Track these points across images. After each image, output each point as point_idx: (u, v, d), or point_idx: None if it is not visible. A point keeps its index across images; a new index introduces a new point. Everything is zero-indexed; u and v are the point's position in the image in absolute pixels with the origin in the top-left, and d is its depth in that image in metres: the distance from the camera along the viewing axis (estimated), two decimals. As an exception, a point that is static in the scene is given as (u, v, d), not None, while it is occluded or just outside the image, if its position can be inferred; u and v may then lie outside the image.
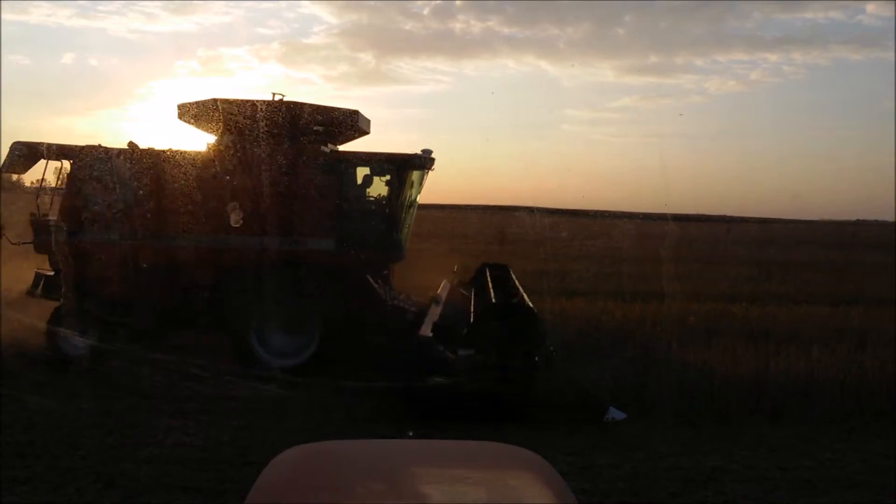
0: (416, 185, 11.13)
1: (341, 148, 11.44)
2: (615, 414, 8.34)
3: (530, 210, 26.51)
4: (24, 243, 10.69)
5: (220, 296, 10.34)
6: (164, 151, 10.53)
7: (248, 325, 10.24)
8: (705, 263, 23.85)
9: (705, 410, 8.47)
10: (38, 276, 10.85)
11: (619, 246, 26.28)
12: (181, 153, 10.58)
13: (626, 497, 6.37)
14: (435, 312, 10.32)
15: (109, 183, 10.32)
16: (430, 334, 9.04)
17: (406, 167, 10.71)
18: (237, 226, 10.31)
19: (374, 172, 10.97)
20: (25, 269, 11.25)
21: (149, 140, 11.03)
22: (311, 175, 10.49)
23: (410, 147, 11.55)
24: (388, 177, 10.84)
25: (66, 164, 10.51)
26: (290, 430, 7.44)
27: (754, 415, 8.55)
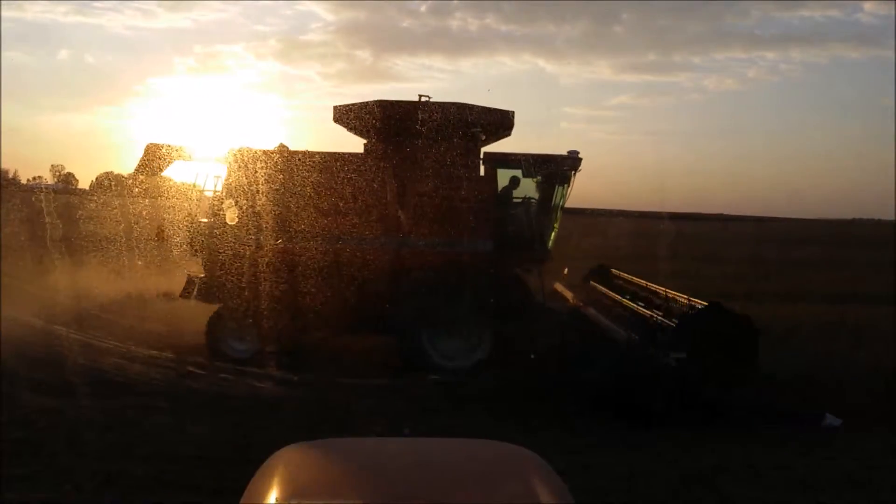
0: (567, 185, 10.95)
1: (489, 148, 11.23)
2: (832, 420, 8.14)
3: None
4: (178, 246, 10.72)
5: (389, 298, 10.16)
6: (316, 153, 10.49)
7: (419, 328, 10.15)
8: (701, 261, 23.86)
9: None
10: (190, 280, 10.76)
11: (616, 245, 26.26)
12: (336, 155, 10.53)
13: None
14: (597, 315, 10.22)
15: (264, 185, 10.27)
16: (635, 337, 8.80)
17: (560, 168, 10.60)
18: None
19: (527, 173, 10.89)
20: (171, 271, 11.20)
21: (150, 137, 11.05)
22: (473, 177, 10.45)
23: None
24: (539, 178, 10.82)
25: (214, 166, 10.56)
26: (287, 427, 7.44)
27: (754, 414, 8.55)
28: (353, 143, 11.03)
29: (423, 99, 10.36)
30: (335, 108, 10.62)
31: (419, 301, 10.20)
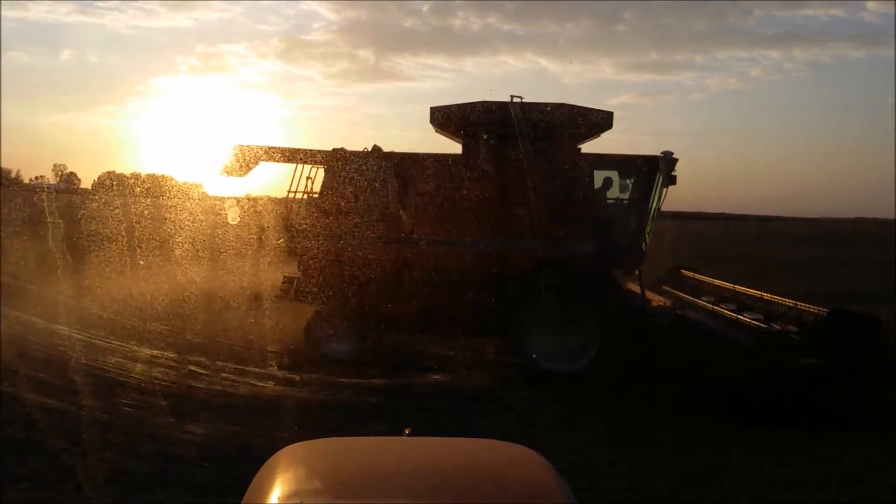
0: (668, 186, 10.70)
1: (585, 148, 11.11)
2: None
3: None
4: (278, 247, 10.70)
5: (494, 300, 10.08)
6: (417, 155, 10.46)
7: (526, 330, 10.09)
8: (702, 261, 23.80)
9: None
10: (287, 280, 10.70)
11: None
12: (431, 157, 10.48)
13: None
14: (699, 317, 10.14)
15: (363, 186, 10.21)
16: (769, 341, 8.71)
17: (658, 169, 10.40)
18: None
19: (625, 174, 10.78)
20: (264, 271, 11.18)
21: (152, 137, 11.03)
22: (578, 177, 10.39)
23: (414, 144, 11.38)
24: (634, 178, 10.70)
25: (305, 168, 10.51)
26: (289, 427, 7.45)
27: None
28: (359, 144, 11.01)
29: (516, 100, 10.28)
30: (432, 109, 10.57)
31: (524, 303, 10.13)
